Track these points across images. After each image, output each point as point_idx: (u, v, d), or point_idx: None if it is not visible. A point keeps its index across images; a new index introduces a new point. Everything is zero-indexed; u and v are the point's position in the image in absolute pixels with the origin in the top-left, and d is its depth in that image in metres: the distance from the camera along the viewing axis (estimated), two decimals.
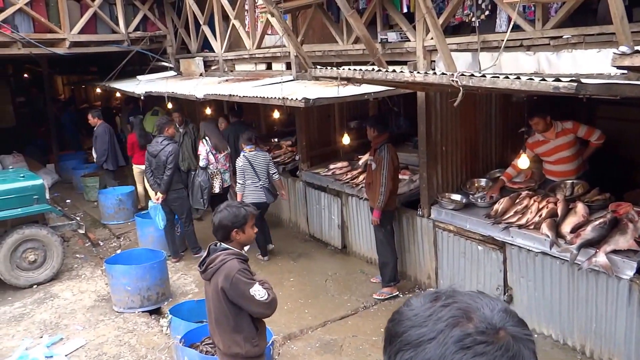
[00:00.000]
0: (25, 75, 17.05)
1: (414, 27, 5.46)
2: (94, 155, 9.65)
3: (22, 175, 7.33)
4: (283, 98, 5.48)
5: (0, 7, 8.44)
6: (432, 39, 5.11)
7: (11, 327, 5.84)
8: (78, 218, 8.14)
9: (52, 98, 14.98)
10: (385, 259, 5.86)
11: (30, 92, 16.68)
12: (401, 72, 3.96)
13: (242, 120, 8.89)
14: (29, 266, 6.80)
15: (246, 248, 3.38)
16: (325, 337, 5.20)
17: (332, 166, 7.34)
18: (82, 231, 7.57)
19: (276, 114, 9.25)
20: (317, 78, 6.48)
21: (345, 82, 4.88)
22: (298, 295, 6.02)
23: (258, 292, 3.13)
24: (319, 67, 4.87)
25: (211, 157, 7.44)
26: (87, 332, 5.65)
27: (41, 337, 5.57)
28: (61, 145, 13.47)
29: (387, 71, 4.05)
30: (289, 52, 7.21)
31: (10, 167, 10.32)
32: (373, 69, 4.19)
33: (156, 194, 7.13)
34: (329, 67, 4.76)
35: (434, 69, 5.22)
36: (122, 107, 12.52)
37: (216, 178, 7.52)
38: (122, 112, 12.20)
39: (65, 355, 5.16)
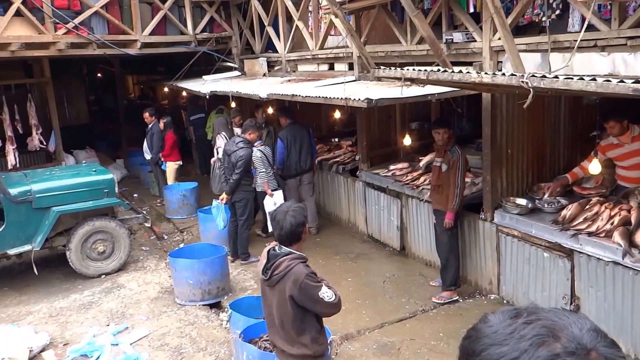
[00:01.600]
0: (99, 74, 17.86)
1: (481, 28, 5.35)
2: (146, 151, 10.04)
3: (94, 169, 7.68)
4: (345, 98, 5.49)
5: (78, 10, 8.88)
6: (499, 39, 4.98)
7: (80, 314, 6.11)
8: (144, 212, 8.44)
9: (124, 96, 15.65)
10: (448, 262, 5.77)
11: (101, 91, 17.50)
12: (468, 72, 3.88)
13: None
14: (98, 257, 7.10)
15: None
16: (382, 339, 5.17)
17: (392, 167, 7.29)
18: (148, 225, 7.87)
19: (337, 114, 9.27)
20: (379, 79, 6.47)
21: (409, 82, 4.83)
22: (355, 296, 6.01)
23: (326, 293, 3.15)
24: (382, 67, 4.85)
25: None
26: (151, 322, 5.84)
27: (108, 325, 5.79)
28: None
29: (453, 72, 3.98)
30: (352, 53, 7.21)
31: (84, 161, 10.86)
32: (438, 70, 4.13)
33: (220, 194, 7.21)
34: (392, 68, 4.74)
35: (500, 70, 5.09)
36: (188, 105, 12.89)
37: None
38: (188, 110, 12.55)
39: (130, 344, 5.34)
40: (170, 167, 10.03)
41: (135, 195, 10.88)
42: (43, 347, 5.30)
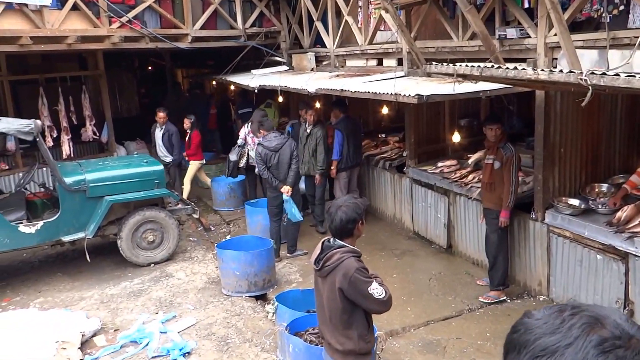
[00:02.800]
0: (149, 68, 18.28)
1: (536, 24, 5.21)
2: (164, 154, 9.77)
3: (145, 160, 7.86)
4: (395, 94, 5.45)
5: (132, 4, 9.11)
6: (555, 35, 4.85)
7: (130, 301, 6.29)
8: (192, 203, 8.61)
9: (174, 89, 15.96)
10: (496, 261, 5.67)
11: (151, 84, 17.89)
12: (523, 69, 3.79)
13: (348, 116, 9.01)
14: (148, 246, 7.29)
15: None
16: (428, 337, 5.14)
17: (440, 164, 7.20)
18: (196, 216, 8.02)
19: (385, 110, 9.23)
20: (429, 74, 6.39)
21: (461, 79, 4.76)
22: (401, 293, 5.98)
23: (376, 289, 3.14)
24: (434, 63, 4.79)
25: (248, 138, 8.83)
26: (198, 311, 5.96)
27: (156, 313, 5.94)
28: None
29: (507, 68, 3.89)
30: (401, 48, 7.15)
31: (135, 152, 11.15)
32: (492, 66, 4.05)
33: (281, 187, 7.03)
34: (444, 64, 4.68)
35: (555, 67, 4.95)
36: (237, 99, 13.06)
37: (244, 156, 8.94)
38: (237, 104, 12.70)
39: (178, 332, 5.47)
40: (194, 166, 9.86)
41: (183, 186, 11.09)
42: (94, 332, 5.49)
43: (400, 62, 7.36)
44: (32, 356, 4.78)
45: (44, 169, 8.09)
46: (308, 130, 7.87)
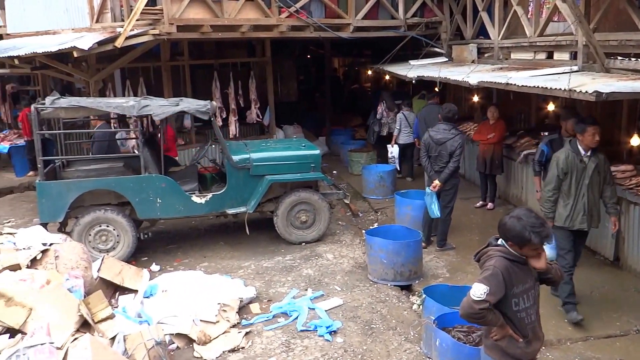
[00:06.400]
0: (308, 56, 19.00)
1: None
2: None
3: (303, 144, 8.24)
4: (569, 90, 5.09)
5: None
6: None
7: (282, 275, 6.65)
8: (344, 189, 8.85)
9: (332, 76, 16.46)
10: None
11: (309, 71, 18.58)
12: None
13: (437, 103, 9.74)
14: (300, 225, 7.64)
15: None
16: (586, 353, 4.77)
17: (613, 168, 6.59)
18: (347, 201, 8.24)
19: (551, 107, 8.66)
20: (607, 70, 5.88)
21: None
22: (556, 301, 5.61)
23: (478, 290, 3.05)
24: (619, 58, 4.39)
25: (384, 113, 11.22)
26: (344, 293, 6.13)
27: (306, 289, 6.21)
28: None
29: None
30: (576, 41, 6.64)
31: (294, 136, 11.74)
32: None
33: (432, 182, 6.99)
34: (631, 59, 4.27)
35: None
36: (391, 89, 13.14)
37: (384, 126, 11.22)
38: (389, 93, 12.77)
39: (325, 311, 5.69)
40: None
41: (334, 172, 11.44)
42: (250, 300, 5.91)
43: (573, 56, 6.84)
44: (198, 312, 5.29)
45: (213, 146, 8.80)
46: (586, 160, 5.22)
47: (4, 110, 13.18)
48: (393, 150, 10.30)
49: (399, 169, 10.38)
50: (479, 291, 3.04)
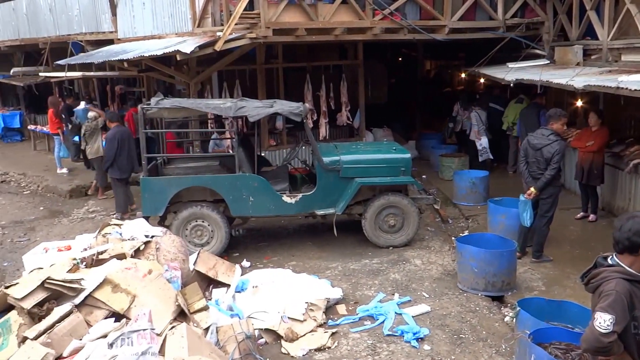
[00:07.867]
0: (399, 59, 18.81)
1: None
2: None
3: (394, 148, 8.17)
4: None
5: None
6: None
7: (369, 278, 6.62)
8: (434, 194, 8.68)
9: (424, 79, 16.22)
10: None
11: (400, 74, 18.36)
12: None
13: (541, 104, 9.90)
14: (389, 229, 7.58)
15: None
16: None
17: None
18: (437, 206, 8.10)
19: None
20: None
21: None
22: None
23: (604, 320, 2.75)
24: None
25: (459, 112, 12.12)
26: (432, 300, 6.01)
27: (393, 294, 6.15)
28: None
29: None
30: None
31: (384, 139, 11.68)
32: None
33: (528, 189, 6.68)
34: None
35: None
36: (484, 93, 12.71)
37: (458, 123, 12.23)
38: (482, 98, 12.36)
39: (412, 317, 5.60)
40: None
41: (424, 176, 11.24)
42: (337, 301, 5.95)
43: None
44: (286, 310, 5.39)
45: (304, 147, 8.94)
46: None
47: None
48: (482, 142, 10.93)
49: (492, 157, 11.16)
50: (605, 322, 2.76)
